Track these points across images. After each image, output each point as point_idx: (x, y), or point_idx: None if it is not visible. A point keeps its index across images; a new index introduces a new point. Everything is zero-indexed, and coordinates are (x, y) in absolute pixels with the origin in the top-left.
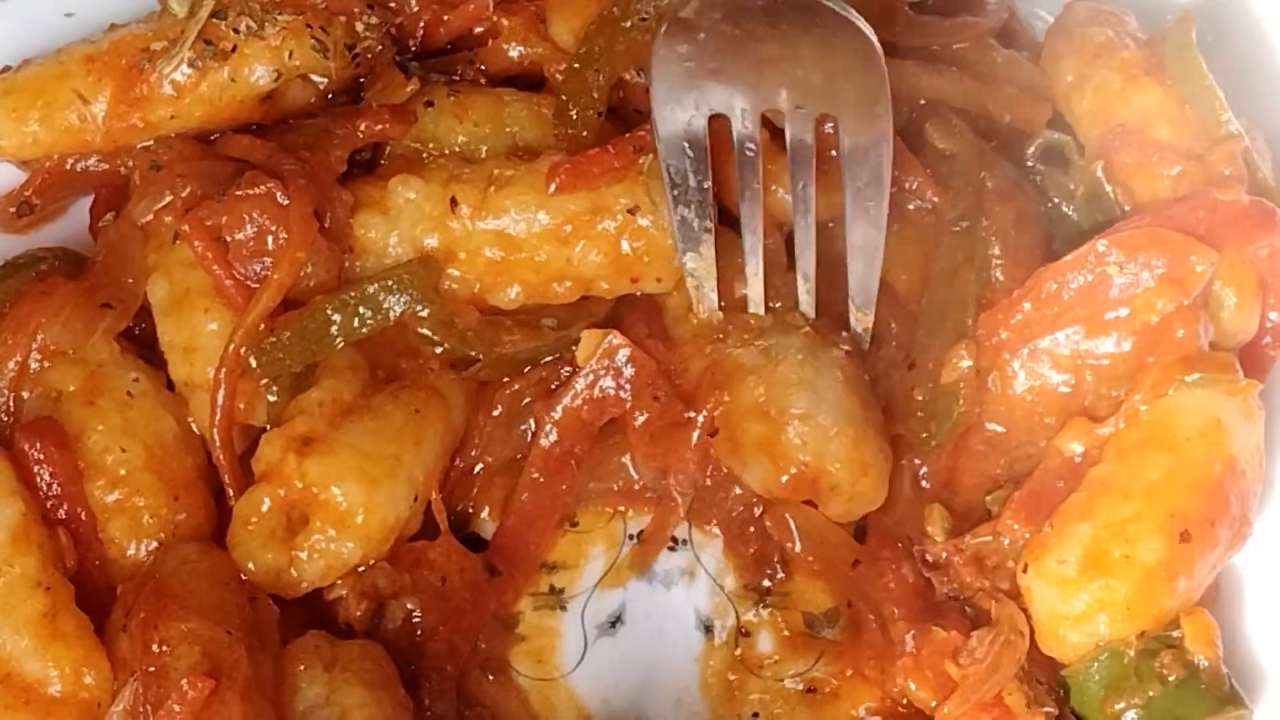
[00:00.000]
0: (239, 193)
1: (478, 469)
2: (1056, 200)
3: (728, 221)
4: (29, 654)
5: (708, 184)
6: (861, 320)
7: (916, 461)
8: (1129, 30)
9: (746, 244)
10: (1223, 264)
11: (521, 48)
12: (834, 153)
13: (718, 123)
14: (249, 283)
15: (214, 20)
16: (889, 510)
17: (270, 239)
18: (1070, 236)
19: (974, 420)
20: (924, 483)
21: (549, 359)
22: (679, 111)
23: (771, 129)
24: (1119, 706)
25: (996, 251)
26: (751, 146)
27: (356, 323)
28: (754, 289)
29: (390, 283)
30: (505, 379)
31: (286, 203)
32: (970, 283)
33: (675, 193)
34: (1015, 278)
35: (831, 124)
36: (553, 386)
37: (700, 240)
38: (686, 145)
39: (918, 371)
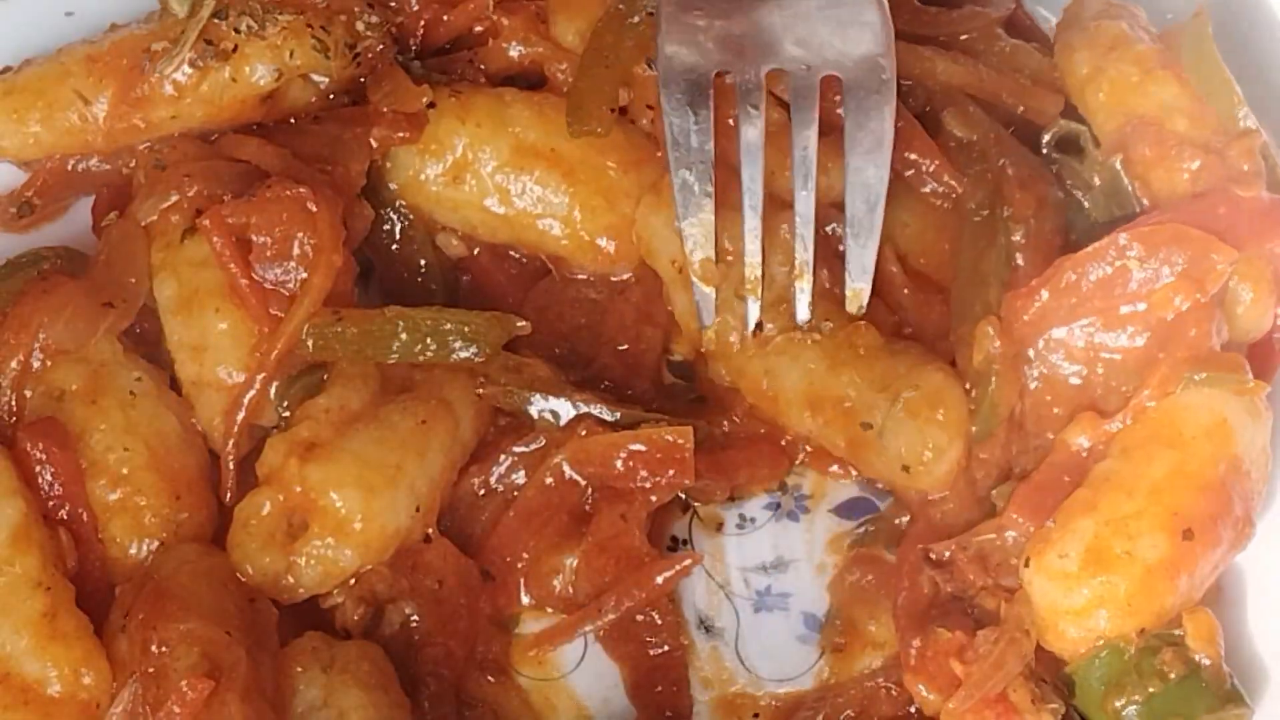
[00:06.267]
0: (269, 194)
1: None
2: (1074, 190)
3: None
4: (28, 654)
5: (709, 145)
6: (856, 296)
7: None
8: (1141, 23)
9: (746, 205)
10: (1240, 261)
11: (521, 47)
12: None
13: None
14: (266, 285)
15: (215, 20)
16: (942, 504)
17: (295, 244)
18: (1087, 227)
19: (1016, 404)
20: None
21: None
22: (684, 59)
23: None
24: (1119, 703)
25: (1018, 237)
26: (755, 105)
27: (419, 349)
28: (750, 248)
29: (466, 329)
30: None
31: (314, 209)
32: (994, 264)
33: (676, 154)
34: (1035, 265)
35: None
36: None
37: (700, 205)
38: (689, 103)
39: (958, 368)
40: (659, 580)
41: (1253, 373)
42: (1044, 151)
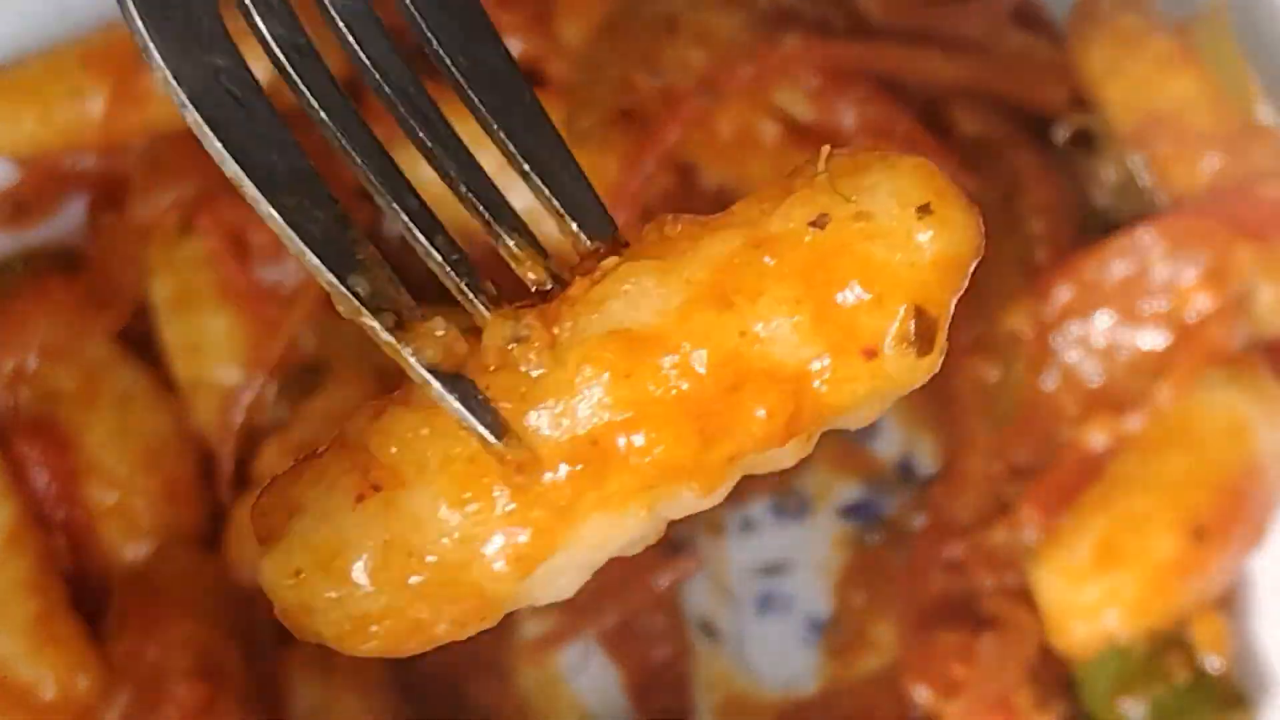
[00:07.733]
0: None
1: None
2: (1087, 185)
3: None
4: (22, 657)
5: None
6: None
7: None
8: (1157, 17)
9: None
10: (1261, 258)
11: (521, 44)
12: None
13: None
14: (263, 285)
15: None
16: (957, 493)
17: None
18: (1101, 223)
19: (1034, 392)
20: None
21: None
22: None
23: None
24: (1125, 704)
25: (1037, 228)
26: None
27: None
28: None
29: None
30: None
31: None
32: (1014, 251)
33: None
34: (1054, 259)
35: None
36: None
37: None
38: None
39: (983, 355)
40: (660, 583)
41: (1274, 374)
42: (1057, 145)
